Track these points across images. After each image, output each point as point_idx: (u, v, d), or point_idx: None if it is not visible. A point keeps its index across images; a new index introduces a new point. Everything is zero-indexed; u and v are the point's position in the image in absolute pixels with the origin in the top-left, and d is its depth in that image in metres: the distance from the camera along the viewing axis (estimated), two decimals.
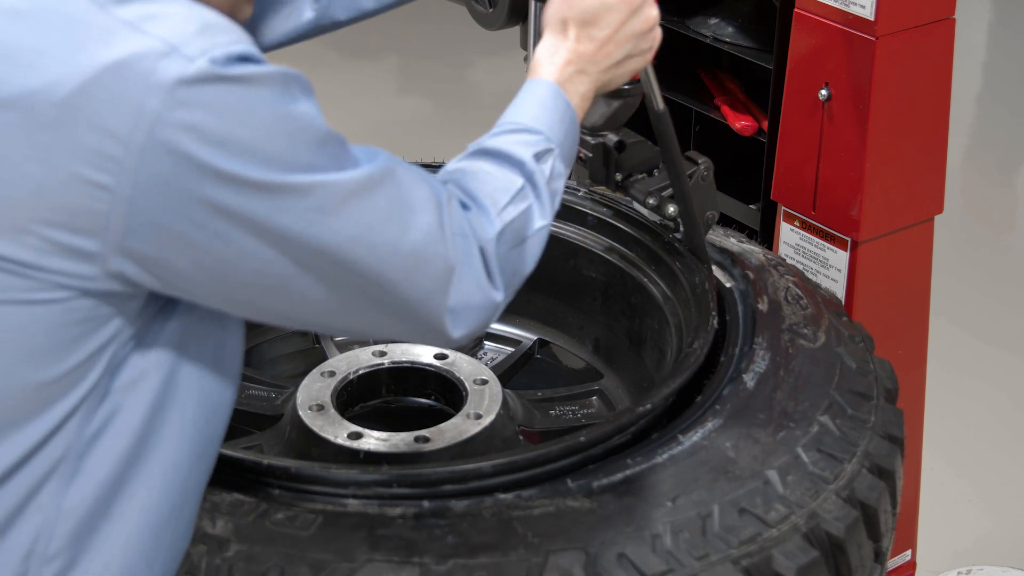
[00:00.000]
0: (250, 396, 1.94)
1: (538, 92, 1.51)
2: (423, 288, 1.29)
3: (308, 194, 1.21)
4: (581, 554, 1.41)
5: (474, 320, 1.34)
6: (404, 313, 1.30)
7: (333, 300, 1.27)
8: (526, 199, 1.40)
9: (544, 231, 1.43)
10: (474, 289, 1.33)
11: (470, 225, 1.34)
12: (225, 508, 1.44)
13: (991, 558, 2.82)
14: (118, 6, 1.19)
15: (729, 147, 2.40)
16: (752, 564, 1.43)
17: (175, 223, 1.19)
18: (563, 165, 1.48)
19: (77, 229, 1.18)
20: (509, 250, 1.38)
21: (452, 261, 1.30)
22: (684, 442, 1.58)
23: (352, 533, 1.42)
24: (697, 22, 2.46)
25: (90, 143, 1.16)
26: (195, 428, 1.33)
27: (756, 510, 1.49)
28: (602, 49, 1.54)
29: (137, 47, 1.16)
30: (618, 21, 1.54)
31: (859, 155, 2.09)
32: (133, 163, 1.16)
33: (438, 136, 2.59)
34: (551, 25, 1.55)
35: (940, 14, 2.10)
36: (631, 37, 1.55)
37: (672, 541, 1.43)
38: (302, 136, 1.21)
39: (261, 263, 1.22)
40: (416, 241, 1.28)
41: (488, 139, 1.45)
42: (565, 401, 1.98)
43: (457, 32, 4.42)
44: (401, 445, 1.73)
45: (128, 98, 1.16)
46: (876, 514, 1.56)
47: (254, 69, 1.19)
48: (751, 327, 1.80)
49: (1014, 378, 3.43)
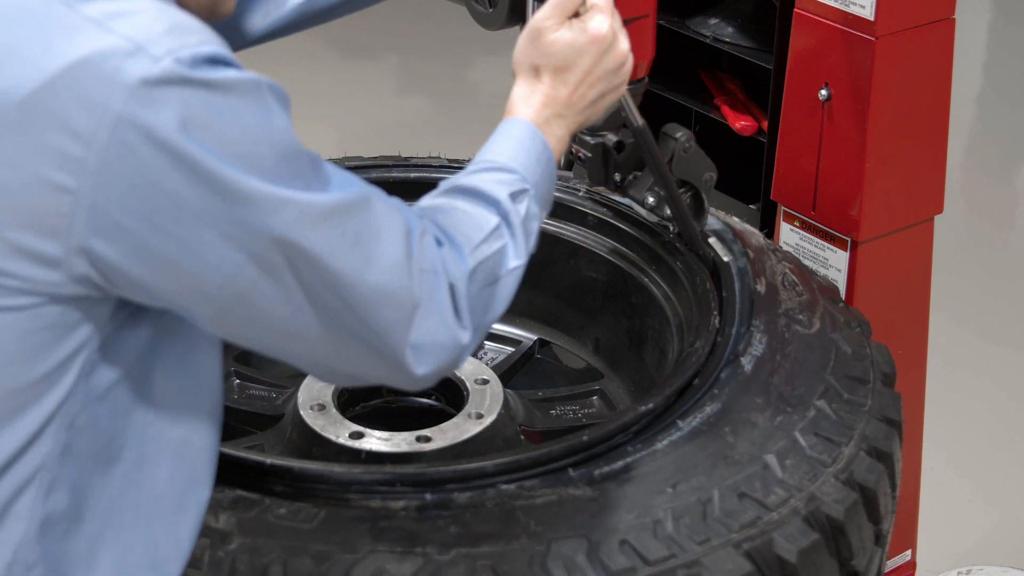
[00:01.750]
0: (251, 396, 1.94)
1: (515, 131, 1.48)
2: (384, 320, 1.26)
3: (275, 209, 1.18)
4: (584, 541, 1.41)
5: (438, 359, 1.30)
6: (365, 344, 1.27)
7: (295, 323, 1.24)
8: (501, 238, 1.38)
9: (518, 271, 1.40)
10: (439, 326, 1.29)
11: (442, 261, 1.31)
12: (227, 504, 1.45)
13: (992, 558, 2.82)
14: (85, 3, 1.16)
15: (729, 147, 2.41)
16: (753, 548, 1.44)
17: (138, 226, 1.16)
18: (538, 206, 1.45)
19: (40, 232, 1.16)
20: (481, 289, 1.35)
21: (418, 296, 1.27)
22: (683, 428, 1.58)
23: (355, 525, 1.42)
24: (697, 22, 2.47)
25: (53, 143, 1.14)
26: (174, 433, 1.31)
27: (756, 494, 1.49)
28: (576, 92, 1.52)
29: (102, 45, 1.14)
30: (590, 63, 1.52)
31: (859, 155, 2.09)
32: (96, 164, 1.14)
33: (438, 136, 2.59)
34: (522, 70, 1.53)
35: (940, 14, 2.10)
36: (603, 76, 1.53)
37: (673, 526, 1.44)
38: (270, 147, 1.18)
39: (222, 272, 1.19)
40: (380, 272, 1.25)
41: (464, 176, 1.43)
42: (566, 401, 1.98)
43: (457, 32, 4.42)
44: (403, 445, 1.74)
45: (92, 97, 1.13)
46: (875, 496, 1.56)
47: (223, 74, 1.16)
48: (749, 308, 1.79)
49: (1015, 377, 3.43)
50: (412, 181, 2.12)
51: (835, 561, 1.51)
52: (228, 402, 1.90)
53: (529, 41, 1.53)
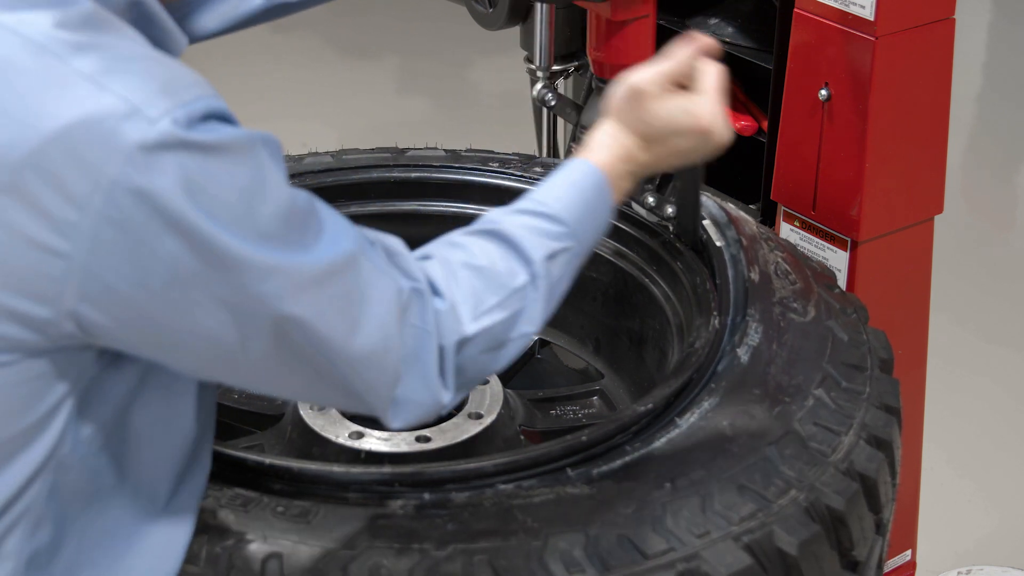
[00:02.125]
0: (251, 396, 1.94)
1: (580, 179, 1.42)
2: (369, 380, 1.26)
3: (266, 276, 1.17)
4: (581, 536, 1.41)
5: (414, 415, 1.31)
6: (347, 395, 1.27)
7: (280, 375, 1.24)
8: (520, 301, 1.34)
9: (528, 337, 1.36)
10: (420, 386, 1.29)
11: (436, 323, 1.28)
12: (225, 501, 1.45)
13: (992, 558, 2.82)
14: (76, 56, 1.13)
15: (729, 147, 2.40)
16: (753, 540, 1.43)
17: (129, 290, 1.14)
18: (575, 265, 1.41)
19: (29, 295, 1.14)
20: (480, 353, 1.32)
21: (404, 358, 1.26)
22: (682, 424, 1.58)
23: (352, 523, 1.42)
24: (697, 22, 2.47)
25: (46, 206, 1.11)
26: (164, 466, 1.32)
27: (755, 486, 1.49)
28: (660, 162, 1.48)
29: (98, 107, 1.11)
30: (684, 146, 1.47)
31: (859, 155, 2.09)
32: (90, 228, 1.12)
33: (438, 135, 2.58)
34: (613, 120, 1.47)
35: (940, 14, 2.10)
36: (693, 156, 1.49)
37: (672, 520, 1.43)
38: (264, 208, 1.17)
39: (210, 333, 1.18)
40: (367, 335, 1.24)
41: (508, 217, 1.38)
42: (566, 401, 1.98)
43: (457, 31, 4.42)
44: (402, 445, 1.74)
45: (87, 161, 1.11)
46: (876, 485, 1.56)
47: (218, 135, 1.14)
48: (743, 296, 1.79)
49: (1015, 377, 3.43)
50: (413, 181, 2.12)
51: (836, 552, 1.51)
52: (228, 402, 1.91)
53: (627, 99, 1.46)
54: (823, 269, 1.95)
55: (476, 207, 2.08)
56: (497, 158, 2.13)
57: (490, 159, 2.13)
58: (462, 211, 2.09)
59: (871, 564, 1.60)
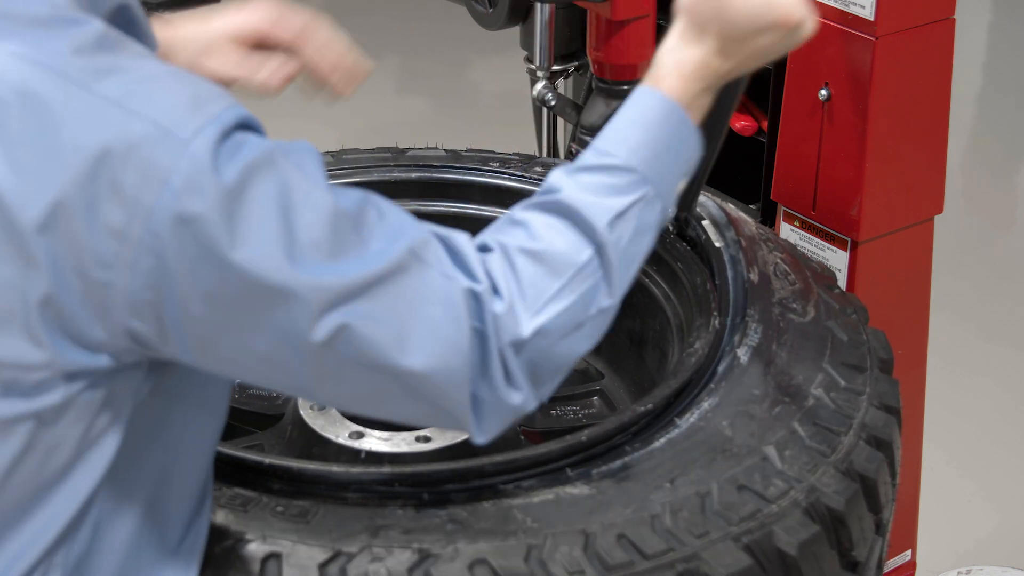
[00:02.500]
0: (251, 396, 1.94)
1: (649, 115, 1.32)
2: (438, 386, 1.21)
3: (308, 293, 1.14)
4: (580, 536, 1.41)
5: (495, 422, 1.25)
6: (420, 404, 1.23)
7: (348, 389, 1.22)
8: (589, 277, 1.26)
9: (608, 311, 1.28)
10: (489, 392, 1.23)
11: (495, 326, 1.22)
12: (224, 501, 1.45)
13: (992, 558, 2.82)
14: (99, 81, 1.11)
15: (729, 147, 2.40)
16: (753, 540, 1.43)
17: (177, 314, 1.13)
18: (657, 210, 1.30)
19: (83, 320, 1.13)
20: (557, 342, 1.25)
21: (471, 363, 1.21)
22: (681, 425, 1.58)
23: (352, 522, 1.42)
24: None
25: (85, 241, 1.10)
26: (182, 504, 1.32)
27: (755, 486, 1.48)
28: (738, 66, 1.37)
29: (129, 135, 1.09)
30: (767, 44, 1.36)
31: (859, 155, 2.09)
32: (130, 257, 1.11)
33: (438, 135, 2.58)
34: (687, 22, 1.35)
35: (940, 14, 2.10)
36: (774, 53, 1.37)
37: (672, 520, 1.43)
38: (304, 220, 1.14)
39: (262, 353, 1.17)
40: (424, 339, 1.19)
41: (570, 178, 1.29)
42: (566, 401, 1.98)
43: (457, 31, 4.42)
44: (402, 445, 1.74)
45: (123, 191, 1.09)
46: (876, 486, 1.56)
47: (251, 154, 1.12)
48: (743, 297, 1.78)
49: (1016, 376, 3.43)
50: (414, 181, 2.12)
51: (836, 552, 1.51)
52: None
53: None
54: (823, 269, 1.95)
55: (476, 207, 2.08)
56: (497, 158, 2.13)
57: (490, 159, 2.13)
58: (462, 211, 2.09)
59: (871, 564, 1.60)
